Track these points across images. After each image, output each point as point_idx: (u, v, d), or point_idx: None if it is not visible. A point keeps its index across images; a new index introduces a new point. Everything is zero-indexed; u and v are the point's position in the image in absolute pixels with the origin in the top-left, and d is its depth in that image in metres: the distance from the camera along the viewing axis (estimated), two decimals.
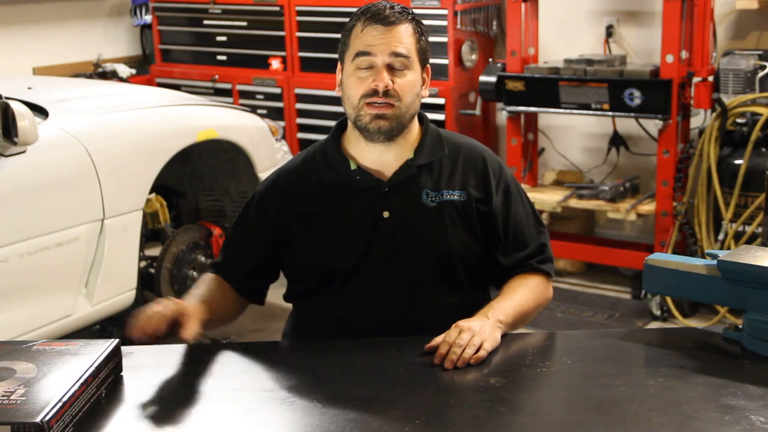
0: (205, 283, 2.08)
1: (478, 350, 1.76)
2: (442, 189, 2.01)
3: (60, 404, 1.48)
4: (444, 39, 4.92)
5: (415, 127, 2.05)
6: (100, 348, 1.70)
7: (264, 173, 4.12)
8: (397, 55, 1.94)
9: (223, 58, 5.77)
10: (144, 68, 6.11)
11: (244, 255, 2.10)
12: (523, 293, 2.00)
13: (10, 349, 1.69)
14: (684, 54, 4.30)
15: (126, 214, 3.56)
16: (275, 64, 5.54)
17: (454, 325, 1.82)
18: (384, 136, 1.96)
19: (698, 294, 1.85)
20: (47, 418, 1.43)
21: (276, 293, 2.21)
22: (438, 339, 1.80)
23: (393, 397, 1.65)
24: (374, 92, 1.93)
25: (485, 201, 2.02)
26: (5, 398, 1.49)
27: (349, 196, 2.01)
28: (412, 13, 2.00)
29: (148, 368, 1.81)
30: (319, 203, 2.02)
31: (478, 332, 1.79)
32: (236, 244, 2.13)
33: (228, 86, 5.69)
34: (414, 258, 1.98)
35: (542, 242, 2.08)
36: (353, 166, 2.02)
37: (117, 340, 1.75)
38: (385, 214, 1.99)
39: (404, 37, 1.95)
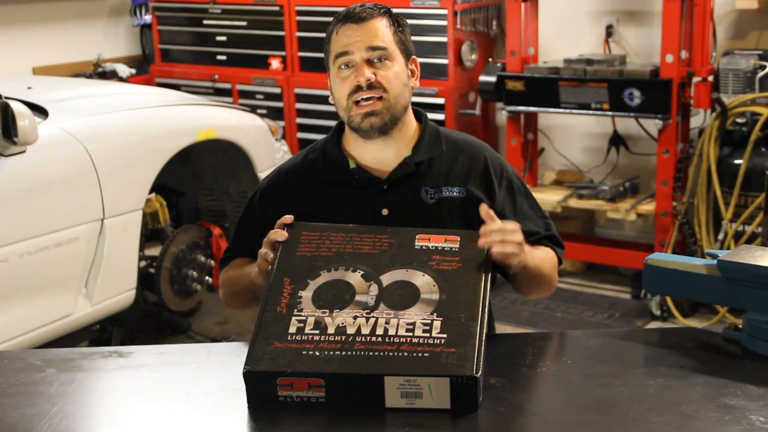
0: (232, 270, 2.09)
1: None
2: (441, 186, 2.01)
3: (482, 355, 1.53)
4: (444, 39, 4.92)
5: (412, 122, 2.06)
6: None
7: (264, 173, 4.12)
8: (374, 48, 1.95)
9: (223, 57, 5.78)
10: (144, 68, 6.11)
11: (250, 245, 2.09)
12: (538, 253, 2.00)
13: (389, 243, 1.73)
14: (684, 54, 4.30)
15: (126, 213, 3.56)
16: (275, 63, 5.54)
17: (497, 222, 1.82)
18: (378, 132, 1.97)
19: (698, 294, 1.85)
20: (479, 372, 1.48)
21: None
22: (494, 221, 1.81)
23: None
24: (358, 88, 1.94)
25: (488, 199, 2.02)
26: (427, 336, 1.52)
27: (348, 194, 2.01)
28: (386, 7, 2.02)
29: (148, 368, 1.81)
30: (318, 202, 2.02)
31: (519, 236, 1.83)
32: (241, 237, 2.13)
33: (228, 86, 5.69)
34: None
35: (552, 234, 2.09)
36: (352, 165, 2.02)
37: None
38: (384, 212, 1.99)
39: (379, 30, 1.97)
